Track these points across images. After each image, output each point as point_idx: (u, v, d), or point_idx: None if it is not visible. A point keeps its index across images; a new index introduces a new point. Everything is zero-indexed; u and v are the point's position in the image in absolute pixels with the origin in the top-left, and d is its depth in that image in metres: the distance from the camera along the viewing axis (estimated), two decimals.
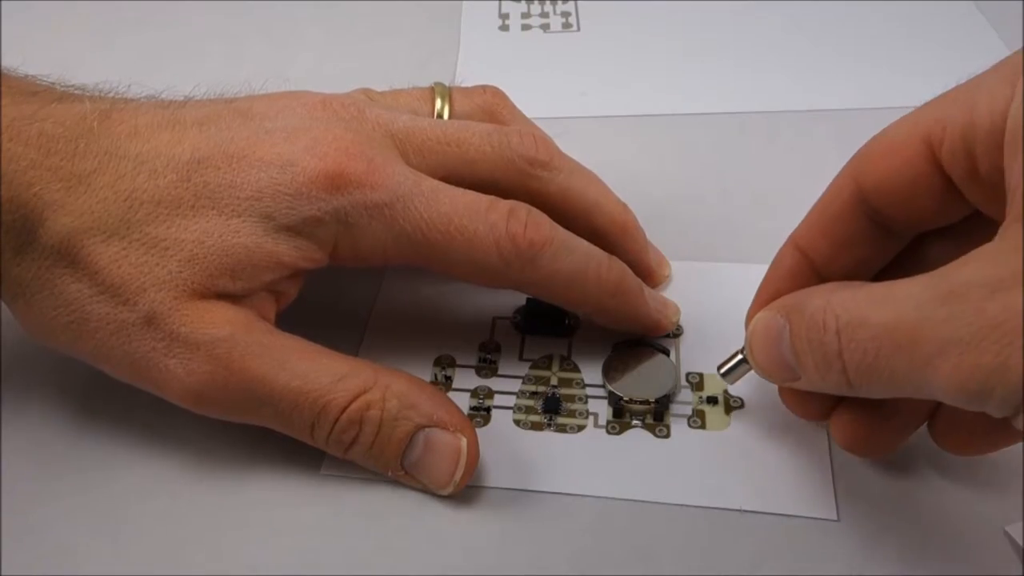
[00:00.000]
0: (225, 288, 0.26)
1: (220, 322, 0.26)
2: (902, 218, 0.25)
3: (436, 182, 0.28)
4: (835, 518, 0.26)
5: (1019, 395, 0.19)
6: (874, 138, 0.25)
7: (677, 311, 0.31)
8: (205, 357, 0.25)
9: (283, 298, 0.28)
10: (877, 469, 0.27)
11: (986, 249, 0.20)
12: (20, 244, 0.26)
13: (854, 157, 0.25)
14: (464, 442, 0.26)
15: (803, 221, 0.26)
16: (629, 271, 0.30)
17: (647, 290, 0.31)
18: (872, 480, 0.27)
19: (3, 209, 0.25)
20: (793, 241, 0.27)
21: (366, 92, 0.31)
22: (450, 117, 0.31)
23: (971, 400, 0.19)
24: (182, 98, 0.29)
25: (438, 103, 0.31)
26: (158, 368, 0.26)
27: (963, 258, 0.20)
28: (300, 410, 0.26)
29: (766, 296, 0.27)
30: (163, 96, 0.29)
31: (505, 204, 0.28)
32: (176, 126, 0.27)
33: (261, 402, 0.26)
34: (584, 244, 0.29)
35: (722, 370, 0.28)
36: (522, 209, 0.28)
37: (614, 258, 0.29)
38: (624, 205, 0.32)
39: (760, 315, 0.25)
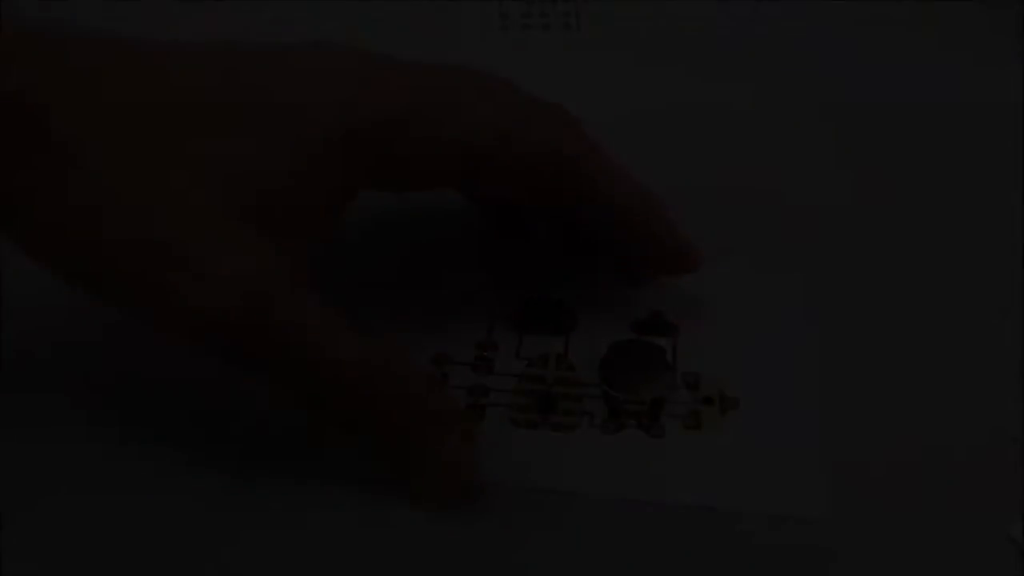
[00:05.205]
0: (261, 219, 0.24)
1: (261, 259, 0.24)
2: None
3: None
4: (832, 518, 0.26)
5: None
6: None
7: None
8: (240, 295, 0.23)
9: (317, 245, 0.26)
10: (877, 469, 0.27)
11: None
12: (26, 147, 0.23)
13: None
14: (461, 444, 0.26)
15: None
16: None
17: None
18: (871, 480, 0.27)
19: (5, 106, 0.23)
20: None
21: None
22: None
23: None
24: None
25: None
26: (177, 288, 0.23)
27: None
28: (314, 379, 0.25)
29: None
30: None
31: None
32: (196, 59, 0.26)
33: (275, 355, 0.24)
34: None
35: None
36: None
37: None
38: None
39: None
